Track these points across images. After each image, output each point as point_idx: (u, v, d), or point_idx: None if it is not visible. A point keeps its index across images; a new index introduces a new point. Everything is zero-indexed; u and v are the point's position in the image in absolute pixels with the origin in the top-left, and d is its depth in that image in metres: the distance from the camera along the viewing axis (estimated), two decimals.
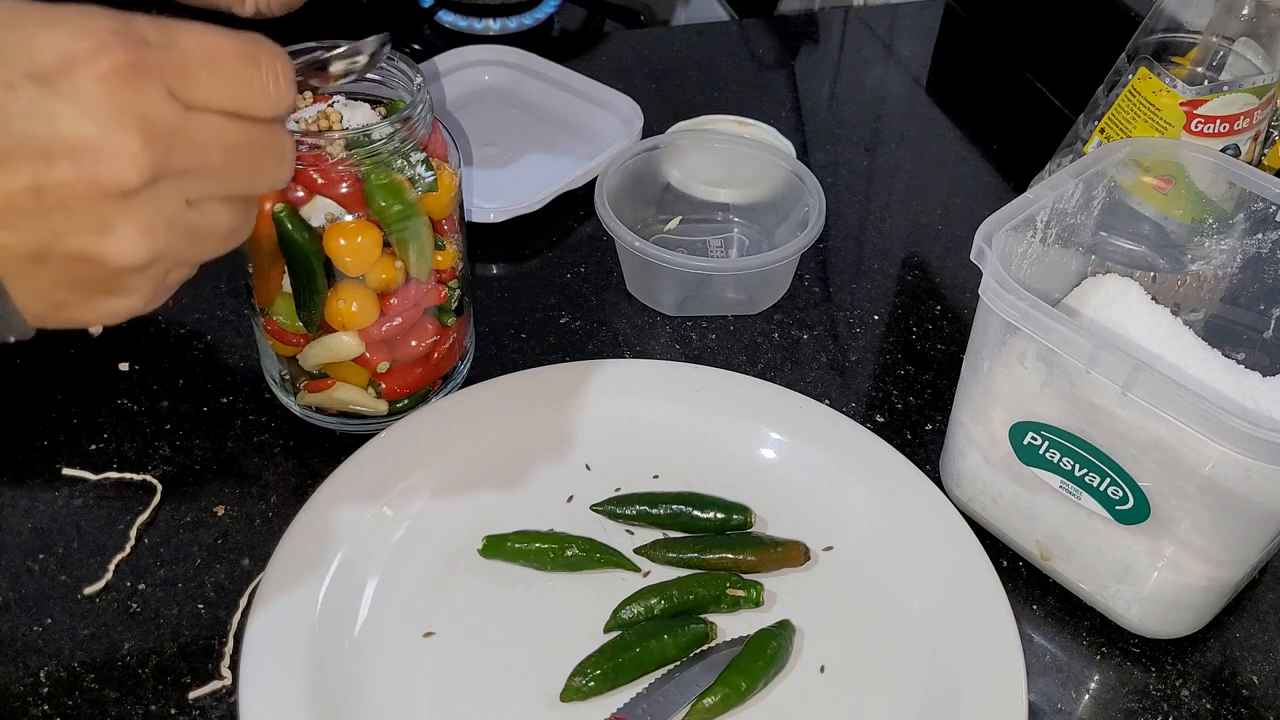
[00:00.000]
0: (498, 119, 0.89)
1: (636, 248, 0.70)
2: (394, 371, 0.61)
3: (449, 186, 0.58)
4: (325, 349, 0.59)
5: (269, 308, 0.59)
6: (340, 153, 0.54)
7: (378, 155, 0.55)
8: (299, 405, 0.63)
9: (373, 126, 0.55)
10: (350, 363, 0.60)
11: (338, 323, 0.58)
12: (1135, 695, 0.55)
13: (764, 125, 0.81)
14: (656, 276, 0.72)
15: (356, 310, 0.57)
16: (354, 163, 0.54)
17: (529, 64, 0.92)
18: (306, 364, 0.60)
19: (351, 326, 0.58)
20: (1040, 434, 0.55)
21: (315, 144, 0.54)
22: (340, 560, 0.55)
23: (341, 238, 0.55)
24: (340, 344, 0.59)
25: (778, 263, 0.70)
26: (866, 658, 0.54)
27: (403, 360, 0.61)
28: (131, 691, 0.52)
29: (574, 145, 0.86)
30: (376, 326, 0.58)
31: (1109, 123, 0.68)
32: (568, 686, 0.51)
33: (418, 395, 0.63)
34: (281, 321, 0.59)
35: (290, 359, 0.61)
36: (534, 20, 1.05)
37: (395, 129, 0.55)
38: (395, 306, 0.58)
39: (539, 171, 0.83)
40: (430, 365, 0.63)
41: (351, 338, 0.59)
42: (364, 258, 0.56)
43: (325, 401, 0.62)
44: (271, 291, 0.58)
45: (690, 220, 0.79)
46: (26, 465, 0.61)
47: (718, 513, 0.59)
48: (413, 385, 0.63)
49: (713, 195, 0.79)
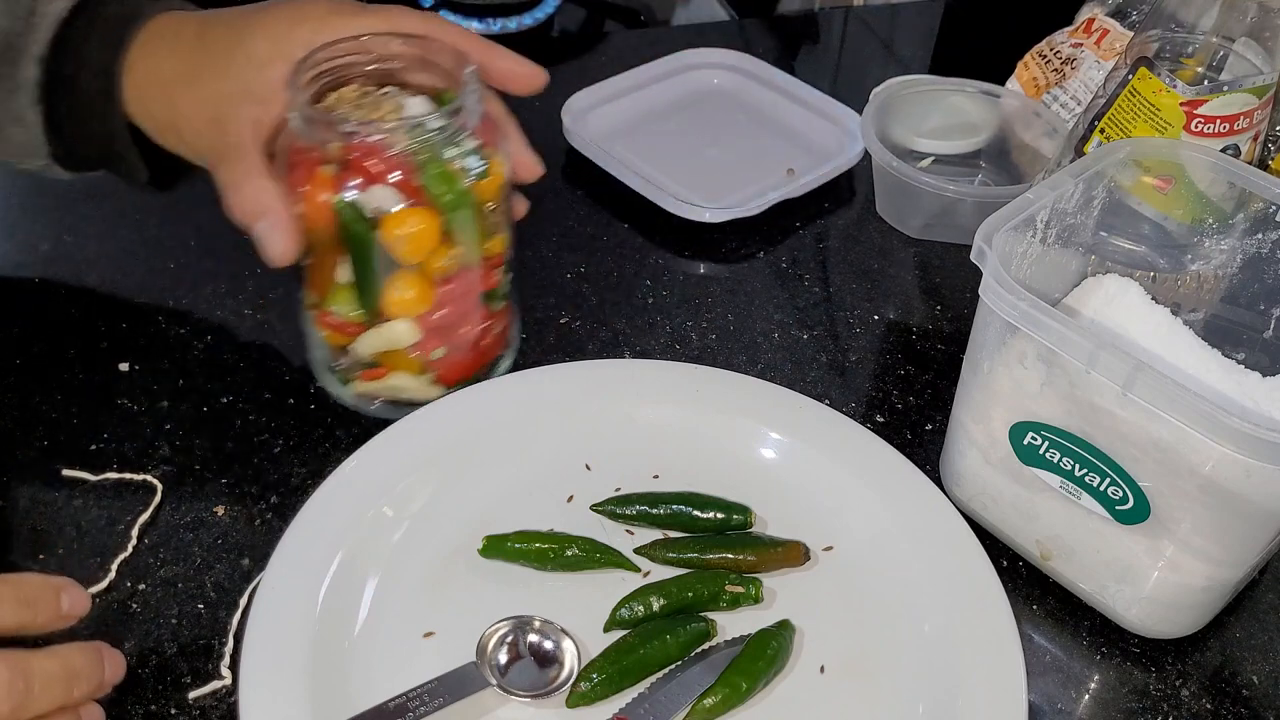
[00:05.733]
0: (723, 122, 0.91)
1: (893, 167, 0.77)
2: (448, 357, 0.62)
3: (499, 173, 0.59)
4: (381, 337, 0.60)
5: (324, 298, 0.60)
6: (396, 142, 0.55)
7: (431, 144, 0.56)
8: (352, 395, 0.64)
9: (427, 116, 0.56)
10: (404, 351, 0.61)
11: (395, 311, 0.59)
12: (1135, 695, 0.55)
13: None
14: (908, 198, 0.79)
15: (413, 298, 0.58)
16: (409, 152, 0.55)
17: (757, 70, 0.94)
18: (361, 352, 0.61)
19: (408, 314, 0.59)
20: (1040, 434, 0.55)
21: (372, 134, 0.55)
22: (340, 560, 0.55)
23: (398, 226, 0.56)
24: (396, 332, 0.60)
25: (1011, 196, 0.71)
26: (866, 658, 0.54)
27: (456, 346, 0.62)
28: (131, 691, 0.52)
29: (794, 154, 0.87)
30: (431, 313, 0.59)
31: (1109, 123, 0.68)
32: (573, 692, 0.51)
33: (468, 382, 0.64)
34: (337, 312, 0.60)
35: (344, 349, 0.62)
36: (534, 20, 1.06)
37: (449, 119, 0.56)
38: (450, 293, 0.59)
39: (758, 176, 0.84)
40: (480, 351, 0.64)
41: (407, 325, 0.59)
42: (420, 245, 0.57)
43: (380, 390, 0.63)
44: (326, 281, 0.59)
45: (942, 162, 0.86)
46: (26, 465, 0.61)
47: (718, 513, 0.59)
48: (464, 371, 0.64)
49: None
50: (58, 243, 0.75)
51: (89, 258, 0.74)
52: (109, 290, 0.72)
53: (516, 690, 0.51)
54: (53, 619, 0.45)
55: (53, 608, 0.45)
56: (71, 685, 0.44)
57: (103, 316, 0.70)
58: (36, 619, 0.44)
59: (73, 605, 0.46)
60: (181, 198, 0.80)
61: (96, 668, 0.45)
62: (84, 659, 0.45)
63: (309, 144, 0.56)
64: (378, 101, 0.58)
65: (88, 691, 0.45)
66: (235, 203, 0.57)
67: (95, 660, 0.45)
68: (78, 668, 0.44)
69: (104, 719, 0.47)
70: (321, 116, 0.56)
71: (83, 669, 0.45)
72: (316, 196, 0.56)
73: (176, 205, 0.79)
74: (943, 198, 0.77)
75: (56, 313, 0.70)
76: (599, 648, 0.53)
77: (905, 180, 0.78)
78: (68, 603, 0.46)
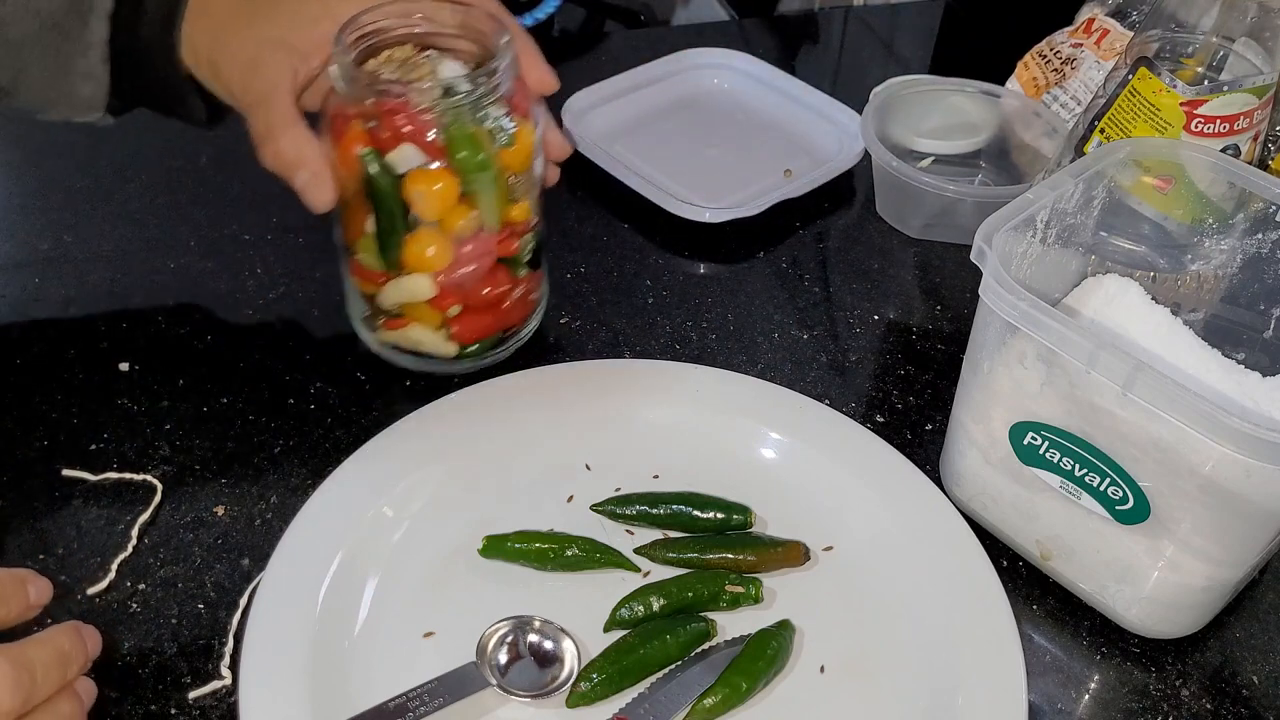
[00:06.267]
0: (723, 122, 0.91)
1: (893, 167, 0.77)
2: (464, 316, 0.64)
3: (527, 143, 0.60)
4: (401, 289, 0.62)
5: (355, 246, 0.62)
6: (426, 102, 0.56)
7: (460, 107, 0.57)
8: (378, 342, 0.66)
9: (458, 79, 0.58)
10: (424, 304, 0.62)
11: (414, 265, 0.61)
12: (1135, 695, 0.55)
13: None
14: (908, 198, 0.79)
15: (432, 254, 0.60)
16: (439, 113, 0.57)
17: (757, 70, 0.94)
18: (384, 302, 0.63)
19: (426, 269, 0.61)
20: (1040, 434, 0.55)
21: (404, 93, 0.57)
22: (340, 560, 0.55)
23: (420, 183, 0.58)
24: (415, 285, 0.61)
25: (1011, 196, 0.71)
26: (866, 658, 0.54)
27: (473, 306, 0.63)
28: (131, 691, 0.52)
29: (794, 154, 0.87)
30: (449, 271, 0.61)
31: (1109, 123, 0.68)
32: (573, 692, 0.51)
33: (487, 342, 0.66)
34: (364, 260, 0.62)
35: (371, 297, 0.64)
36: (534, 20, 1.05)
37: (479, 83, 0.57)
38: (468, 254, 0.61)
39: (758, 176, 0.84)
40: (500, 314, 0.65)
41: (426, 280, 0.61)
42: (440, 204, 0.58)
43: (400, 339, 0.65)
44: (357, 231, 0.61)
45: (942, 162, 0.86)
46: (26, 465, 0.61)
47: (718, 513, 0.59)
48: (482, 331, 0.65)
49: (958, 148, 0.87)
50: (58, 243, 0.75)
51: (89, 258, 0.75)
52: (109, 290, 0.72)
53: (516, 690, 0.51)
54: (23, 611, 0.46)
55: (21, 600, 0.46)
56: (66, 667, 0.45)
57: (103, 316, 0.70)
58: (10, 614, 0.45)
59: (39, 594, 0.47)
60: (182, 197, 0.80)
61: (81, 646, 0.46)
62: (69, 640, 0.46)
63: (348, 100, 0.58)
64: (416, 63, 0.60)
65: (78, 670, 0.46)
66: (272, 152, 0.59)
67: (78, 639, 0.46)
68: (67, 649, 0.45)
69: (95, 691, 0.47)
70: (357, 73, 0.57)
71: (71, 649, 0.46)
72: (350, 149, 0.58)
73: (177, 205, 0.79)
74: (943, 198, 0.77)
75: (56, 313, 0.70)
76: (599, 648, 0.53)
77: (905, 180, 0.78)
78: (34, 593, 0.46)
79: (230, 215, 0.79)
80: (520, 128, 0.60)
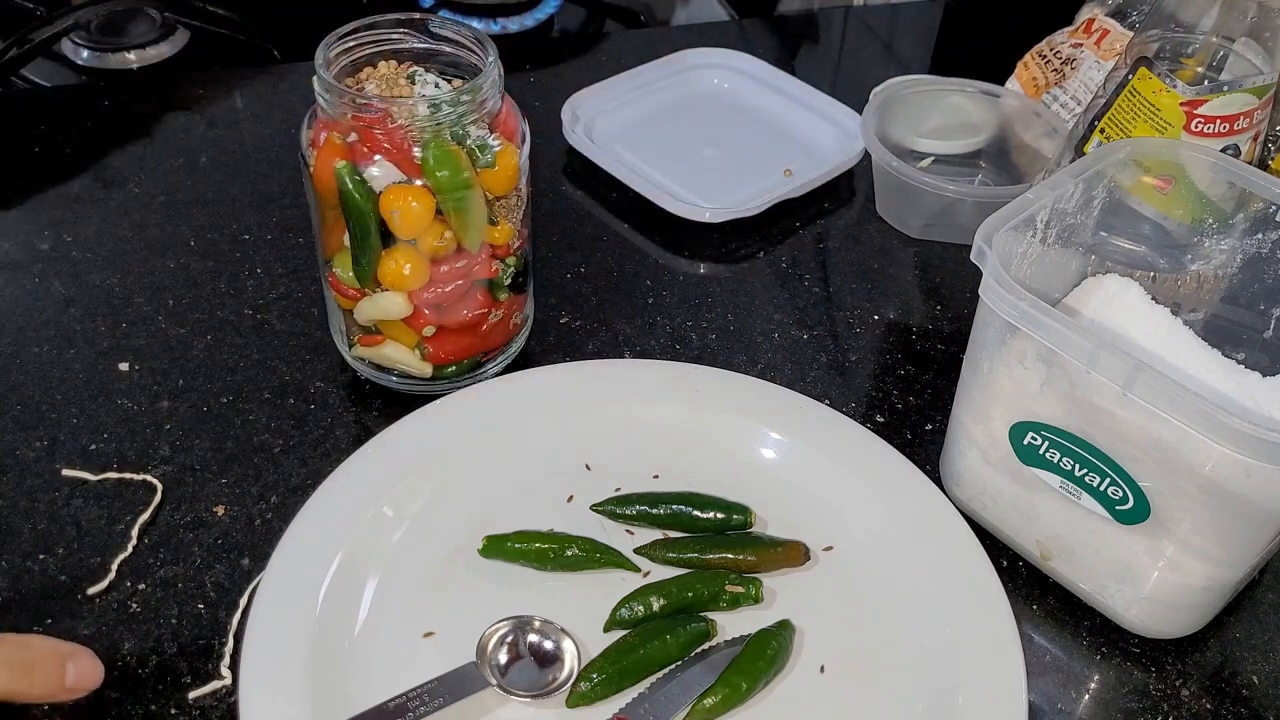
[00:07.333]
0: (723, 122, 0.91)
1: (893, 167, 0.77)
2: (440, 336, 0.63)
3: (509, 165, 0.60)
4: (376, 306, 0.61)
5: (332, 259, 0.62)
6: (404, 118, 0.56)
7: (440, 125, 0.56)
8: (352, 357, 0.66)
9: (438, 97, 0.57)
10: (400, 322, 0.62)
11: (388, 282, 0.60)
12: (1135, 695, 0.55)
13: None
14: (908, 197, 0.79)
15: (408, 273, 0.59)
16: (418, 130, 0.56)
17: (757, 70, 0.94)
18: (360, 318, 0.63)
19: (401, 287, 0.60)
20: (1040, 434, 0.55)
21: (384, 108, 0.56)
22: (340, 560, 0.55)
23: (395, 200, 0.57)
24: (390, 302, 0.61)
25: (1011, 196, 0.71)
26: (866, 658, 0.54)
27: (450, 327, 0.63)
28: (131, 691, 0.52)
29: (794, 154, 0.87)
30: (425, 290, 0.60)
31: (1109, 123, 0.68)
32: (573, 692, 0.51)
33: (465, 364, 0.65)
34: (340, 274, 0.61)
35: (348, 312, 0.63)
36: (534, 20, 1.06)
37: (461, 102, 0.57)
38: (445, 274, 0.60)
39: (757, 176, 0.84)
40: (478, 336, 0.65)
41: (400, 298, 0.60)
42: (415, 222, 0.58)
43: (375, 357, 0.64)
44: (334, 244, 0.61)
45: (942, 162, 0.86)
46: (26, 465, 0.61)
47: (718, 513, 0.59)
48: (459, 353, 0.64)
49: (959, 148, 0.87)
50: (58, 243, 0.75)
51: (89, 258, 0.75)
52: (109, 290, 0.72)
53: (516, 690, 0.51)
54: (53, 690, 0.41)
55: (54, 678, 0.41)
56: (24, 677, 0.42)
57: (103, 316, 0.70)
58: (33, 688, 0.41)
59: (79, 678, 0.41)
60: (182, 197, 0.80)
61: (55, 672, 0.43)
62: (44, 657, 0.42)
63: (328, 114, 0.57)
64: (399, 80, 0.59)
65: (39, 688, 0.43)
66: None
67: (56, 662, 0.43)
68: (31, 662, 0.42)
69: (101, 671, 0.44)
70: (337, 86, 0.57)
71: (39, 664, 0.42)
72: (328, 162, 0.57)
73: (176, 205, 0.79)
74: (943, 198, 0.77)
75: (56, 313, 0.70)
76: (599, 648, 0.53)
77: (905, 180, 0.78)
78: (73, 675, 0.41)
79: (230, 215, 0.79)
80: (503, 148, 0.59)
